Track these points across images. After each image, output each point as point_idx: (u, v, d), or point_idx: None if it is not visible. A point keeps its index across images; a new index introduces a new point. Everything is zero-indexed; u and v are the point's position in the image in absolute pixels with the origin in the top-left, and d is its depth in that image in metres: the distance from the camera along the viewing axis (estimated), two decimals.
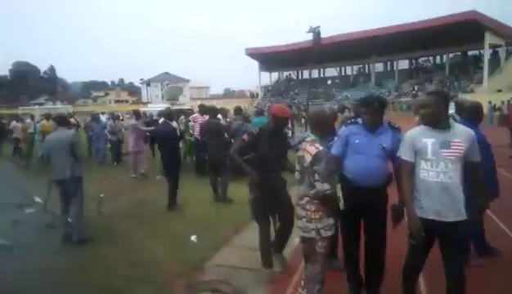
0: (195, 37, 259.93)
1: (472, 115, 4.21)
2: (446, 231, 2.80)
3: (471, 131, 2.85)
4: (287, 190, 4.28)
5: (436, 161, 2.76)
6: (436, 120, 2.81)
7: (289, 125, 10.67)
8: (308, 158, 3.03)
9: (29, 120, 15.97)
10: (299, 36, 61.57)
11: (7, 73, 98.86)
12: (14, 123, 15.41)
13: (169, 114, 7.49)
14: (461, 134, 2.79)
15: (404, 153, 2.95)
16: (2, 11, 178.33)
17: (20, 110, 40.03)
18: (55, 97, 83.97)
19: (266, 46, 55.72)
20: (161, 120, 9.19)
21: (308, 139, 3.22)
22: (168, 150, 7.02)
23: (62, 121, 5.45)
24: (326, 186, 2.97)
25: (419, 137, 2.87)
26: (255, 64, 60.50)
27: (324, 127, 3.27)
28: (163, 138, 7.16)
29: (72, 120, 12.37)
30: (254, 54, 57.74)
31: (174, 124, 9.01)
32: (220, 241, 5.19)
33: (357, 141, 3.33)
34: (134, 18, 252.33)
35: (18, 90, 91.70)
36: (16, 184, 8.96)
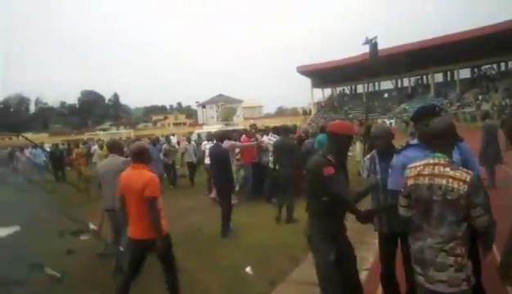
0: (246, 57, 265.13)
1: None
2: None
3: None
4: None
5: None
6: None
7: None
8: (462, 188, 2.25)
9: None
10: (352, 50, 60.63)
11: (76, 102, 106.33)
12: (95, 147, 15.36)
13: (220, 136, 7.28)
14: None
15: None
16: (70, 44, 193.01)
17: (85, 136, 42.45)
18: (118, 122, 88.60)
19: (317, 62, 55.28)
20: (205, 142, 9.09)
21: (441, 161, 2.36)
22: (220, 172, 6.77)
23: (113, 147, 5.33)
24: (491, 218, 2.32)
25: None
26: (307, 81, 60.14)
27: (452, 143, 2.51)
28: (215, 160, 6.92)
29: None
30: (306, 71, 57.43)
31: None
32: (277, 274, 4.75)
33: None
34: (189, 43, 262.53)
35: (85, 117, 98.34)
36: (75, 210, 9.07)
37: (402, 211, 2.60)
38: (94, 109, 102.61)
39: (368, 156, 3.67)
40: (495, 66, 50.34)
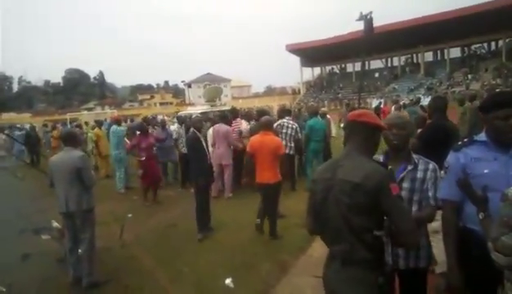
0: (236, 35, 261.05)
1: None
2: None
3: None
4: None
5: None
6: None
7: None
8: None
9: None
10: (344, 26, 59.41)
11: (60, 81, 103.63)
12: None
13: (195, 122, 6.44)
14: None
15: None
16: (52, 20, 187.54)
17: (67, 116, 40.85)
18: (103, 102, 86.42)
19: (307, 40, 54.16)
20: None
21: None
22: (196, 163, 5.92)
23: (68, 138, 4.45)
24: None
25: None
26: (296, 59, 59.06)
27: None
28: (191, 149, 6.11)
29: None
30: (295, 49, 56.25)
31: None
32: (262, 286, 4.08)
33: (485, 171, 2.05)
34: (177, 20, 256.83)
35: (70, 96, 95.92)
36: (41, 202, 8.17)
37: (507, 260, 1.64)
38: (79, 88, 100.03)
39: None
40: (485, 45, 49.87)
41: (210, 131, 8.00)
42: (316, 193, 2.09)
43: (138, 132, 8.35)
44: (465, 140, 2.28)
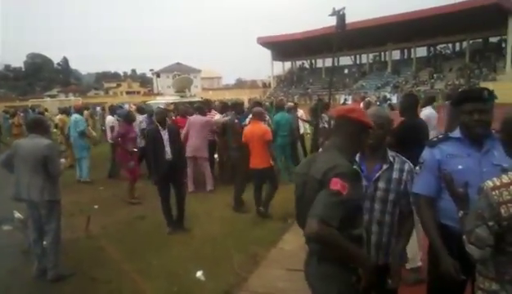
0: (207, 26, 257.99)
1: None
2: None
3: None
4: None
5: None
6: None
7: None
8: None
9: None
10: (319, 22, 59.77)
11: (22, 65, 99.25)
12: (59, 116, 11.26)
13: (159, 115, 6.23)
14: None
15: None
16: (14, 3, 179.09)
17: (29, 103, 39.28)
18: (67, 89, 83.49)
19: (278, 34, 54.26)
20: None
21: None
22: (154, 154, 5.72)
23: (34, 125, 4.20)
24: None
25: None
26: (267, 53, 59.08)
27: None
28: (153, 142, 5.80)
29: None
30: (266, 43, 56.32)
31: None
32: (234, 278, 4.06)
33: (459, 167, 2.09)
34: (148, 7, 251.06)
35: (32, 82, 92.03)
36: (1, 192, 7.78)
37: (480, 253, 1.66)
38: (42, 74, 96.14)
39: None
40: (450, 46, 51.59)
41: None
42: (297, 188, 2.07)
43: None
44: (440, 136, 2.32)
